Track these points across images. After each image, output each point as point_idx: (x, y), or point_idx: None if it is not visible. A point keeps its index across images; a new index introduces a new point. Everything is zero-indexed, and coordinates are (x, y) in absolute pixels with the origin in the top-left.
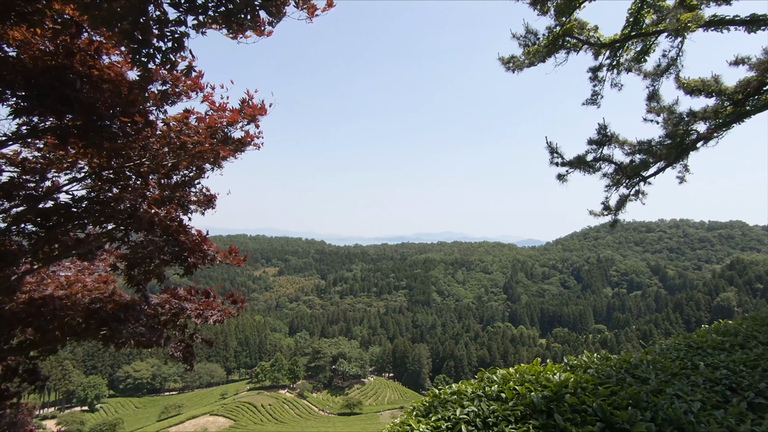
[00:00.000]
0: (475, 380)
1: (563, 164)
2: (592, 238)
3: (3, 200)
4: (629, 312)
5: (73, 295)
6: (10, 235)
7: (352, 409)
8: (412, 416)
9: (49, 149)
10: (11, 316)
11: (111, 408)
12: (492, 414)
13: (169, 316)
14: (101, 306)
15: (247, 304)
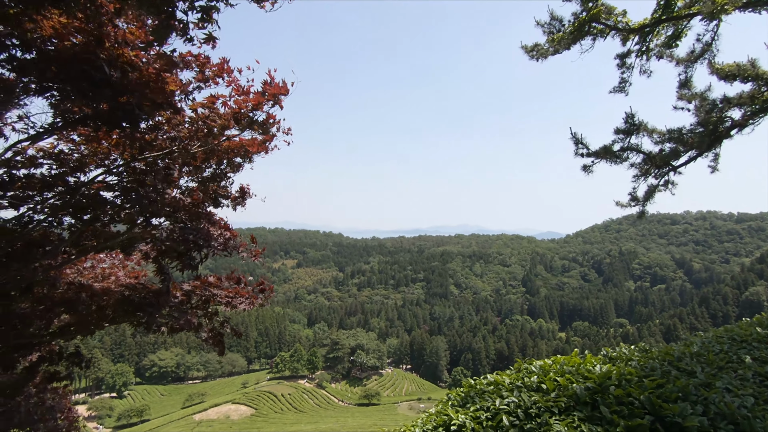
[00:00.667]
0: (511, 371)
1: (588, 155)
2: (614, 231)
3: (43, 192)
4: (652, 306)
5: (109, 285)
6: (49, 227)
7: (370, 399)
8: (448, 406)
9: (83, 142)
10: (53, 301)
11: (138, 395)
12: (534, 405)
13: (200, 302)
14: (135, 292)
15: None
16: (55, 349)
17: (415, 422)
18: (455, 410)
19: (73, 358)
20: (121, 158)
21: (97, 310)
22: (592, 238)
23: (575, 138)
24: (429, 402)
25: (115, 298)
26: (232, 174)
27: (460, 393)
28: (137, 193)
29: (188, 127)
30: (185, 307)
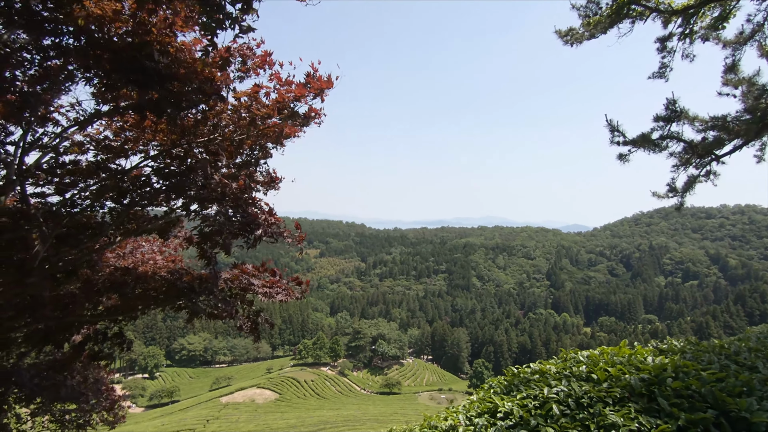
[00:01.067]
0: (556, 360)
1: (625, 143)
2: (644, 224)
3: (88, 178)
4: (683, 303)
5: (147, 269)
6: (94, 211)
7: (391, 388)
8: (491, 393)
9: (127, 128)
10: (101, 284)
11: (168, 377)
12: (585, 395)
13: (238, 290)
14: (178, 278)
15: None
16: (100, 330)
17: (456, 408)
18: (500, 397)
19: (116, 339)
20: (163, 146)
21: (142, 294)
22: (621, 231)
23: (611, 125)
24: (450, 393)
25: (159, 283)
26: (263, 160)
27: (503, 381)
28: (182, 177)
29: (230, 116)
30: (223, 295)
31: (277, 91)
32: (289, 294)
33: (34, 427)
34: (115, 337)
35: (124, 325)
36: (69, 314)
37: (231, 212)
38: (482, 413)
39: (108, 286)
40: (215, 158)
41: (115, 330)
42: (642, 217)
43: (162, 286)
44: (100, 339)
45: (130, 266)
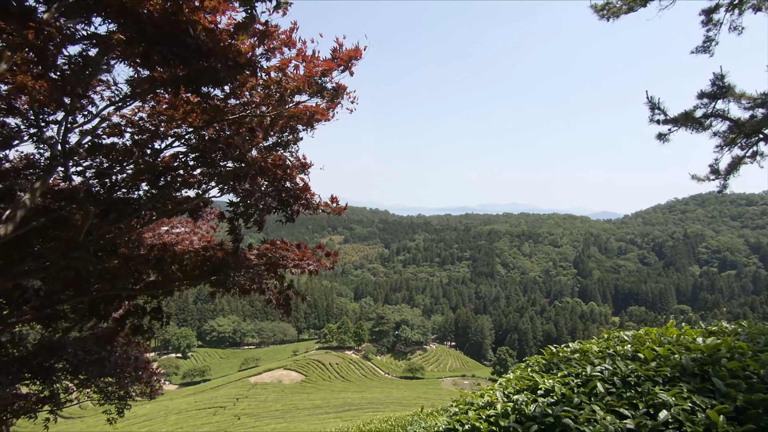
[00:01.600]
0: (597, 339)
1: (666, 122)
2: (679, 212)
3: (125, 161)
4: (719, 293)
5: (185, 248)
6: (129, 192)
7: (414, 373)
8: (528, 371)
9: (160, 111)
10: (140, 260)
11: (200, 356)
12: (632, 373)
13: (270, 264)
14: (212, 254)
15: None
16: (139, 305)
17: (492, 387)
18: (540, 375)
19: (155, 314)
20: (195, 127)
21: (180, 270)
22: (654, 219)
23: (651, 103)
24: (473, 378)
25: (195, 259)
26: (294, 144)
27: (541, 360)
28: (218, 152)
29: (260, 92)
30: (256, 269)
31: (305, 66)
32: (320, 265)
33: (79, 398)
34: (154, 312)
35: (161, 300)
36: (111, 288)
37: (267, 187)
38: (521, 390)
39: (146, 263)
40: (251, 134)
41: (153, 305)
42: (677, 204)
43: (196, 262)
44: (140, 313)
45: (169, 246)
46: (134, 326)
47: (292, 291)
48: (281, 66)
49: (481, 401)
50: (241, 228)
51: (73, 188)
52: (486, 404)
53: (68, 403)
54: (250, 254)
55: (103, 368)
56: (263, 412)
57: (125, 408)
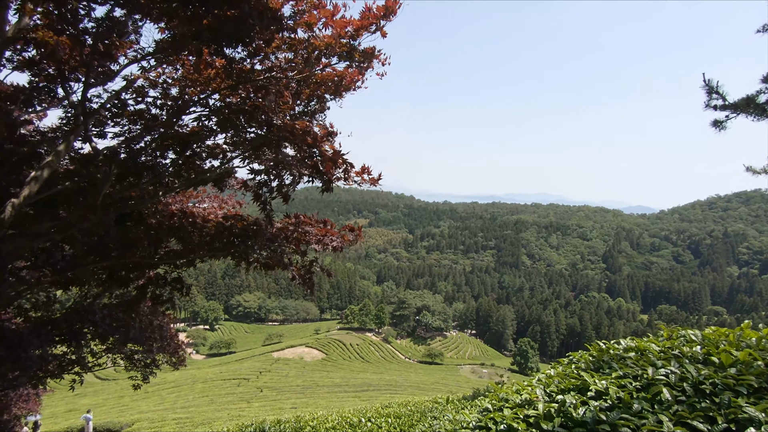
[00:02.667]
0: (655, 337)
1: (724, 107)
2: (720, 209)
3: (149, 125)
4: (758, 296)
5: (206, 217)
6: (153, 160)
7: (433, 358)
8: (572, 369)
9: (185, 73)
10: (161, 228)
11: (226, 330)
12: (705, 380)
13: (293, 239)
14: (233, 223)
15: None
16: (160, 275)
17: (530, 383)
18: (589, 374)
19: (175, 284)
20: (220, 93)
21: (200, 241)
22: (692, 215)
23: (708, 86)
24: (492, 368)
25: (216, 229)
26: (321, 114)
27: (587, 357)
28: (239, 120)
29: (286, 56)
30: (278, 243)
31: (334, 24)
32: (343, 241)
33: (107, 362)
34: (174, 282)
35: (183, 270)
36: (132, 255)
37: (296, 155)
38: (566, 390)
39: (168, 231)
40: (277, 98)
41: (174, 275)
42: (718, 201)
43: (217, 233)
44: (161, 283)
45: (189, 215)
46: (155, 295)
47: (316, 267)
48: (309, 21)
49: (518, 398)
50: (267, 199)
51: (95, 150)
52: (524, 402)
53: (96, 367)
54: (272, 228)
55: (127, 335)
56: (284, 387)
57: (150, 375)
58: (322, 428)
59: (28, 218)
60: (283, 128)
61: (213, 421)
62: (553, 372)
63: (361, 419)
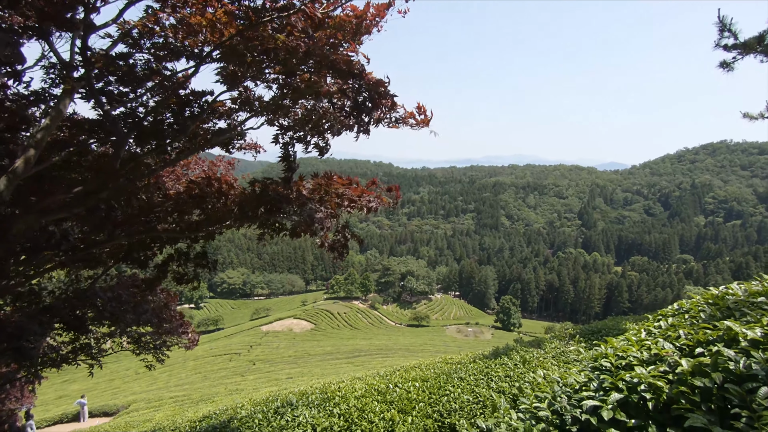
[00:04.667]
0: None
1: (734, 47)
2: (688, 161)
3: (145, 81)
4: (723, 243)
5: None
6: (155, 122)
7: (419, 321)
8: (683, 319)
9: (184, 14)
10: (183, 197)
11: (212, 307)
12: None
13: (326, 202)
14: (262, 188)
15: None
16: (182, 250)
17: (640, 338)
18: (734, 322)
19: (200, 260)
20: (227, 39)
21: (222, 209)
22: (662, 169)
23: (722, 23)
24: (477, 326)
25: (241, 196)
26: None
27: (701, 302)
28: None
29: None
30: (311, 206)
31: None
32: (381, 202)
33: (113, 347)
34: (198, 258)
35: (205, 243)
36: (148, 231)
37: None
38: (704, 342)
39: (192, 201)
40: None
41: (197, 250)
42: (686, 154)
43: (246, 201)
44: (182, 260)
45: (210, 178)
46: (178, 274)
47: (348, 232)
48: None
49: (641, 356)
50: (295, 156)
51: (104, 111)
52: (653, 359)
53: (102, 353)
54: (303, 189)
55: (141, 315)
56: (276, 358)
57: (163, 356)
58: (351, 397)
59: (37, 192)
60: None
61: (213, 397)
62: (663, 324)
63: (388, 385)
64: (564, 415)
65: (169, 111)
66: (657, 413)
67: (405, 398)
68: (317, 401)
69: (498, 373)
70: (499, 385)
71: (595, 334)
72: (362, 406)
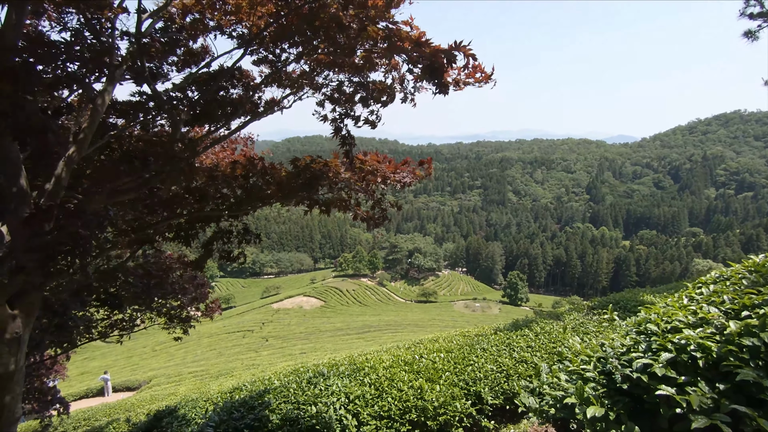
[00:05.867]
0: None
1: (760, 15)
2: (700, 133)
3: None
4: (734, 215)
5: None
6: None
7: (427, 297)
8: (725, 286)
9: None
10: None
11: (223, 286)
12: None
13: (362, 178)
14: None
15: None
16: (225, 228)
17: (683, 304)
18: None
19: (244, 236)
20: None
21: (265, 185)
22: (673, 141)
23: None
24: (484, 301)
25: (286, 177)
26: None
27: (741, 271)
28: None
29: None
30: (348, 183)
31: None
32: (414, 176)
33: (145, 321)
34: (241, 234)
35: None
36: (199, 210)
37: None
38: (750, 306)
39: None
40: None
41: (239, 227)
42: (698, 125)
43: (282, 180)
44: (226, 238)
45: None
46: (225, 252)
47: (387, 203)
48: None
49: (688, 320)
50: (349, 132)
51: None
52: (700, 322)
53: (135, 328)
54: (339, 167)
55: (163, 287)
56: (288, 335)
57: (190, 327)
58: (380, 368)
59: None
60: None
61: (231, 371)
62: (705, 291)
63: (414, 357)
64: (614, 373)
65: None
66: (705, 371)
67: (431, 368)
68: (347, 372)
69: (519, 344)
70: (522, 355)
71: (612, 305)
72: (391, 376)
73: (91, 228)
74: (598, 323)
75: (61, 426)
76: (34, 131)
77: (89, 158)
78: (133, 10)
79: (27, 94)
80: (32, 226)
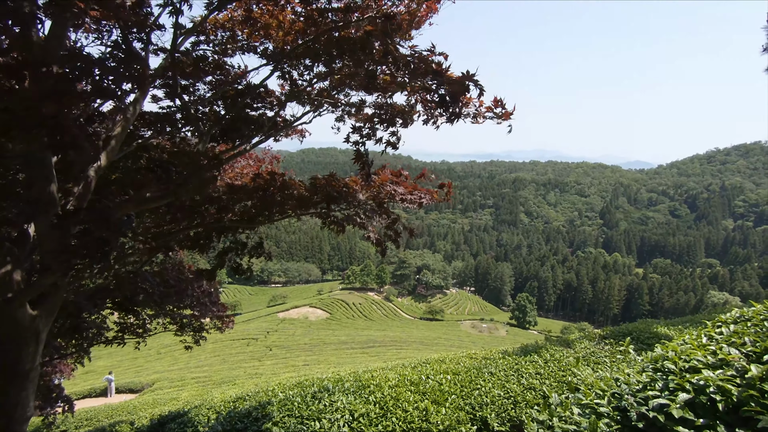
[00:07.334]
0: None
1: None
2: (719, 162)
3: (204, 78)
4: (752, 248)
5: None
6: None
7: (434, 315)
8: (747, 327)
9: (256, 14)
10: (246, 188)
11: (230, 293)
12: None
13: (378, 198)
14: (325, 183)
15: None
16: (239, 240)
17: (702, 343)
18: None
19: (255, 250)
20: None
21: (281, 200)
22: (690, 169)
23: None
24: (491, 323)
25: (298, 190)
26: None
27: (764, 311)
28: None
29: None
30: (364, 202)
31: None
32: (432, 198)
33: (157, 327)
34: (254, 249)
35: (260, 234)
36: (218, 221)
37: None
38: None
39: (253, 191)
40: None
41: (255, 240)
42: (716, 155)
43: (300, 195)
44: (240, 249)
45: (274, 173)
46: (236, 265)
47: (400, 225)
48: None
49: (707, 360)
50: (368, 154)
51: (183, 103)
52: (719, 363)
53: (147, 333)
54: (357, 185)
55: (182, 300)
56: (293, 345)
57: (201, 339)
58: (386, 386)
59: (132, 183)
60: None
61: (234, 380)
62: (725, 331)
63: (421, 377)
64: (629, 411)
65: (249, 108)
66: (725, 414)
67: (437, 390)
68: (353, 388)
69: (528, 370)
70: (530, 381)
71: (625, 335)
72: (396, 395)
73: (116, 233)
74: (610, 354)
75: (63, 425)
76: (74, 147)
77: (115, 165)
78: (169, 25)
79: (69, 112)
80: (61, 228)
